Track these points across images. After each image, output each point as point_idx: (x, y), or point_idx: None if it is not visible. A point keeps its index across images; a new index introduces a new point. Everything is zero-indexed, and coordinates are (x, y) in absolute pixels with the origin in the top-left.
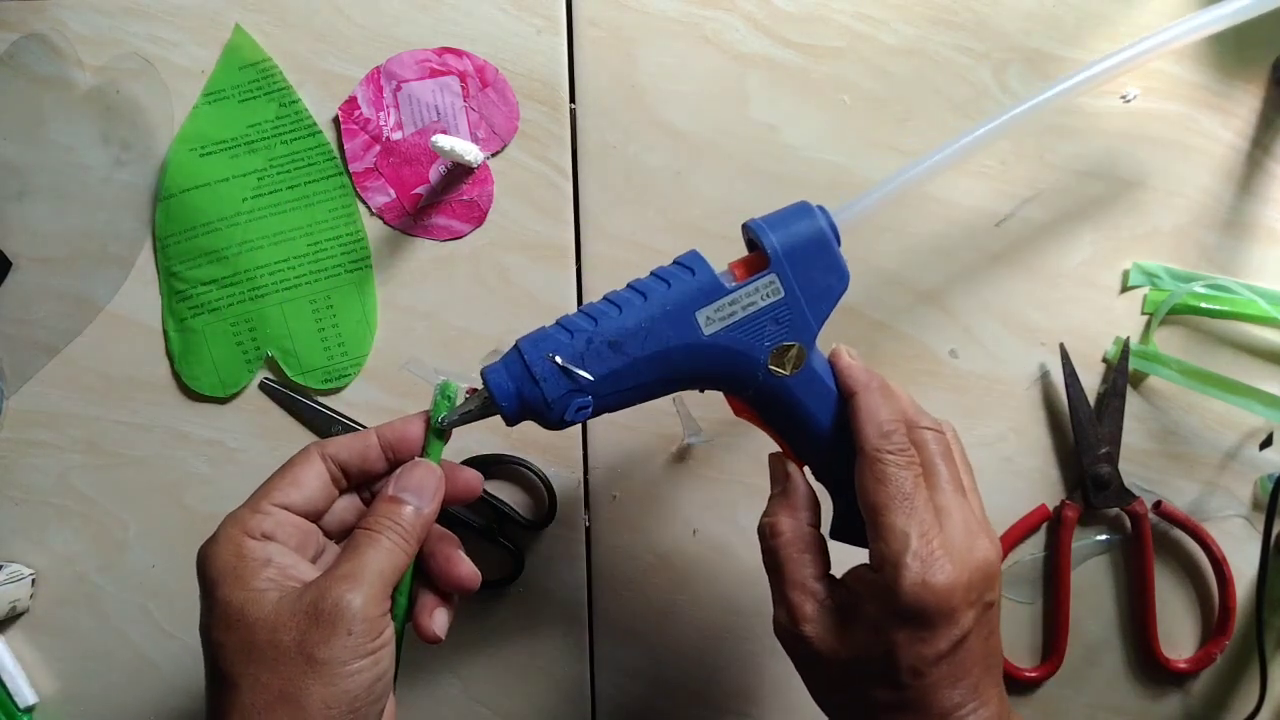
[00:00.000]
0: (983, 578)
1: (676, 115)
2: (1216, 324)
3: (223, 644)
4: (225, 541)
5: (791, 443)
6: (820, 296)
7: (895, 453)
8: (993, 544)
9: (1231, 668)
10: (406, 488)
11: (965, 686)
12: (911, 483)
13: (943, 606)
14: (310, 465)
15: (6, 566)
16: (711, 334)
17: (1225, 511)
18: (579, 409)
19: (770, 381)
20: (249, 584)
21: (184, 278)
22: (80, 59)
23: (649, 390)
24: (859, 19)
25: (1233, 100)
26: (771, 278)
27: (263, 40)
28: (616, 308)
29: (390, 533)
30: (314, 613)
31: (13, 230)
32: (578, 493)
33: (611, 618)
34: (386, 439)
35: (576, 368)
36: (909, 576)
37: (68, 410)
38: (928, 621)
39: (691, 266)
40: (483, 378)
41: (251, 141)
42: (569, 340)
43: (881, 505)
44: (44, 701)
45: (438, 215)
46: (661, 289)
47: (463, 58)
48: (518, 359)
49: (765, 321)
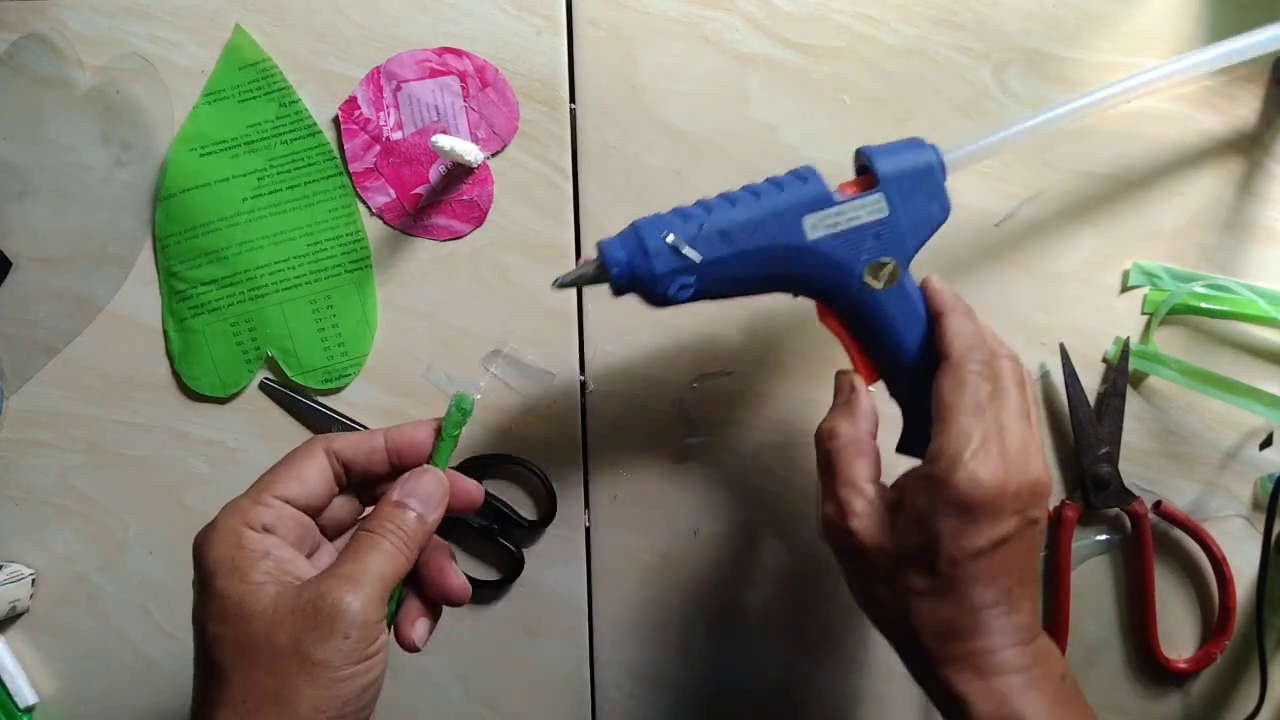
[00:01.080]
0: (1031, 493)
1: (676, 115)
2: (1216, 324)
3: (218, 636)
4: (225, 531)
5: (873, 355)
6: (921, 221)
7: (978, 365)
8: (1046, 471)
9: (1232, 668)
10: (413, 494)
11: (998, 589)
12: (986, 394)
13: (990, 503)
14: (314, 459)
15: (6, 566)
16: (814, 239)
17: (1225, 511)
18: (682, 287)
19: (862, 293)
20: (247, 576)
21: (184, 278)
22: (80, 59)
23: (747, 284)
24: (859, 19)
25: (1233, 100)
26: (878, 197)
27: (263, 40)
28: (730, 203)
29: (392, 537)
30: (312, 612)
31: (13, 230)
32: (578, 493)
33: (611, 618)
34: (394, 442)
35: (687, 248)
36: (964, 470)
37: (68, 410)
38: (973, 515)
39: (805, 177)
40: (598, 248)
41: (251, 141)
42: (683, 223)
43: (955, 406)
44: (44, 701)
45: (438, 215)
46: (774, 191)
47: (463, 58)
48: (633, 234)
49: (866, 237)
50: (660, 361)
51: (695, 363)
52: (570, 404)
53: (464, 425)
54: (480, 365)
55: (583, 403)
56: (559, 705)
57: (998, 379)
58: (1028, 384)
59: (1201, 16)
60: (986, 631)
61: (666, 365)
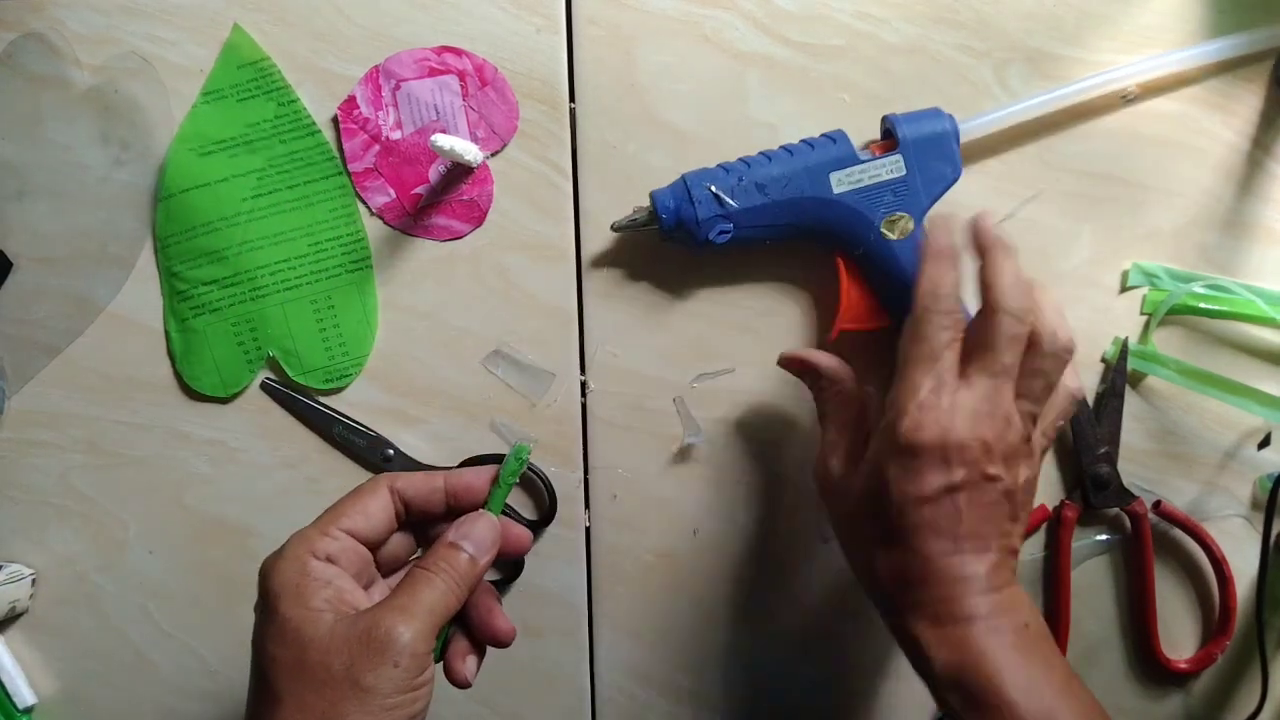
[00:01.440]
0: (983, 452)
1: (676, 114)
2: (1215, 324)
3: (275, 658)
4: (291, 559)
5: (884, 301)
6: (935, 180)
7: (939, 313)
8: (1011, 431)
9: (1232, 668)
10: (467, 536)
11: (949, 538)
12: (944, 344)
13: (932, 452)
14: (379, 497)
15: (6, 566)
16: (839, 193)
17: (1225, 511)
18: (721, 232)
19: (879, 243)
20: (308, 603)
21: (184, 278)
22: (78, 58)
23: (779, 232)
24: (859, 17)
25: (1233, 100)
26: (897, 158)
27: (261, 39)
28: (767, 159)
29: (445, 576)
30: (366, 639)
31: (13, 230)
32: (578, 493)
33: (611, 618)
34: (453, 485)
35: (727, 197)
36: (909, 420)
37: (68, 410)
38: (916, 462)
39: (835, 139)
40: (650, 197)
41: (251, 141)
42: (724, 176)
43: (908, 358)
44: (44, 701)
45: (438, 215)
46: (806, 150)
47: (462, 57)
48: (681, 185)
49: (885, 192)
50: (660, 361)
51: (695, 363)
52: (570, 404)
53: (520, 474)
54: (481, 366)
55: (583, 403)
56: (559, 705)
57: (987, 334)
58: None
59: (1202, 16)
60: (939, 580)
61: (666, 365)
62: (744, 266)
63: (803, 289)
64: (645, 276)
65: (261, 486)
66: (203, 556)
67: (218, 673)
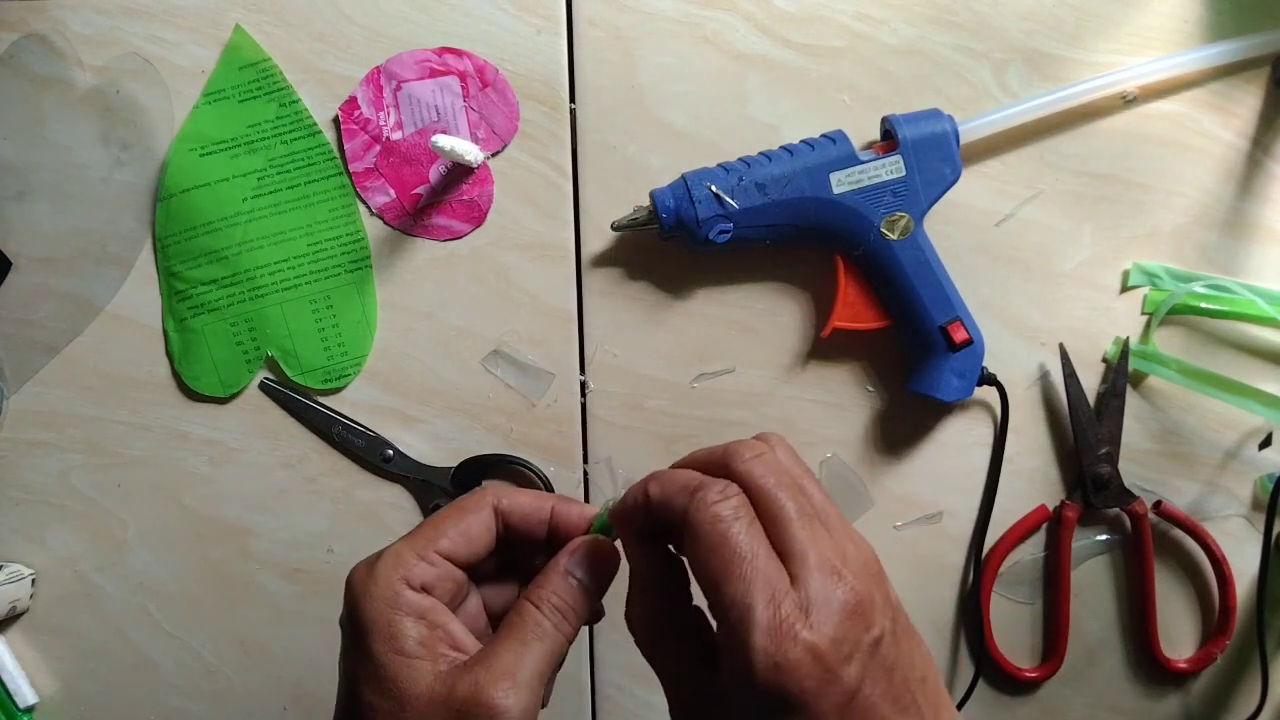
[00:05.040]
0: (854, 618)
1: (676, 115)
2: (1216, 324)
3: (373, 706)
4: (384, 584)
5: (884, 300)
6: (934, 181)
7: (714, 503)
8: (863, 569)
9: (1232, 668)
10: (582, 564)
11: None
12: (745, 534)
13: (809, 683)
14: (483, 517)
15: (6, 566)
16: (839, 193)
17: (1225, 511)
18: (721, 232)
19: (879, 243)
20: (402, 645)
21: (184, 278)
22: (80, 59)
23: (779, 231)
24: (859, 19)
25: (1233, 100)
26: (897, 158)
27: (263, 40)
28: (767, 159)
29: (556, 615)
30: (468, 712)
31: (13, 230)
32: (578, 493)
33: (611, 618)
34: (558, 515)
35: (727, 197)
36: (760, 661)
37: (68, 410)
38: (798, 706)
39: (835, 139)
40: (651, 197)
41: (251, 141)
42: (724, 176)
43: (715, 579)
44: (44, 701)
45: (438, 215)
46: (807, 150)
47: (463, 58)
48: (682, 185)
49: (884, 193)
50: (660, 361)
51: (695, 363)
52: (570, 404)
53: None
54: (481, 365)
55: (583, 402)
56: (559, 705)
57: (752, 493)
58: (786, 460)
59: (1202, 17)
60: None
61: (666, 365)
62: (744, 266)
63: (803, 289)
64: (645, 276)
65: (260, 486)
66: (203, 556)
67: (218, 672)
